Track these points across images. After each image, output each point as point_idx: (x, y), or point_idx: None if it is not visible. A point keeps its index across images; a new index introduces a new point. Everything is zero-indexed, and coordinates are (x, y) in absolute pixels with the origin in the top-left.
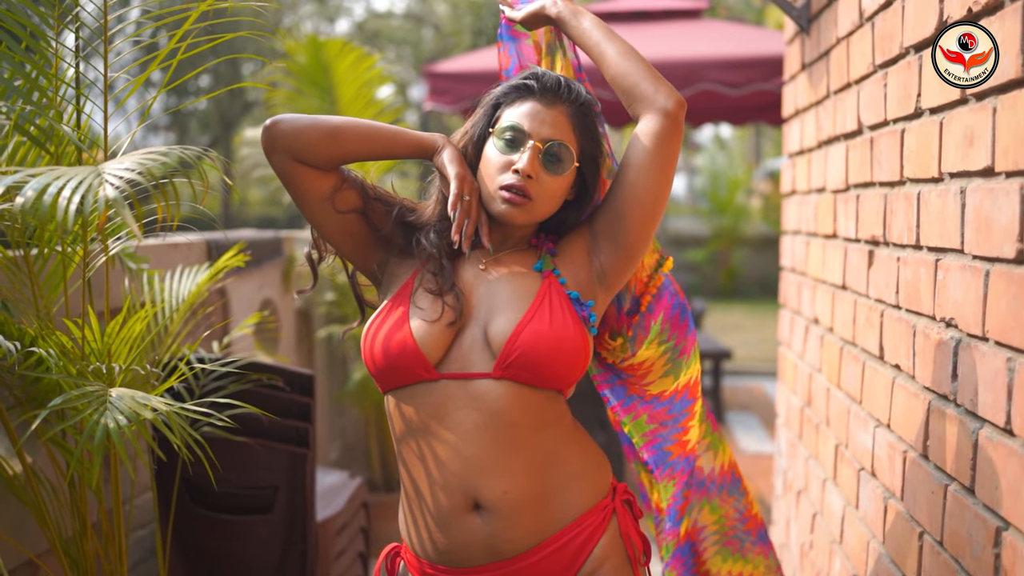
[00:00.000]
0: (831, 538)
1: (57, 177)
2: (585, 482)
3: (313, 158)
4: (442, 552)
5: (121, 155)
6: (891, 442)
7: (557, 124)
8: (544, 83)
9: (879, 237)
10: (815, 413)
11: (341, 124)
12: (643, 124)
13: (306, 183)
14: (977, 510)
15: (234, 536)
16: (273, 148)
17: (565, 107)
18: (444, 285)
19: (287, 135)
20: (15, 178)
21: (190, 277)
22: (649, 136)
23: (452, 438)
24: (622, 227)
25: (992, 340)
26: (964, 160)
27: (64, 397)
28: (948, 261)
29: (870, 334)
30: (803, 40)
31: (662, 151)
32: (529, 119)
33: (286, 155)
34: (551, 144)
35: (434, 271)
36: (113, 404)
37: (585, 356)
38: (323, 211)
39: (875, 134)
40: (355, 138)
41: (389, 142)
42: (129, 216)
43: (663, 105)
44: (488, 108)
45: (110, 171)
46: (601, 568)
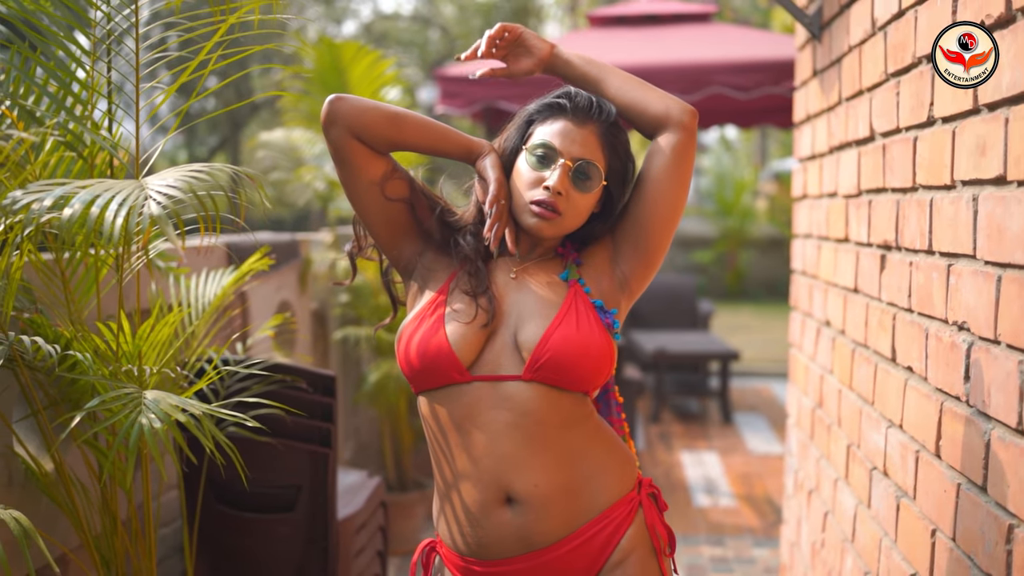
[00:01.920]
0: (843, 536)
1: (106, 190)
2: (611, 476)
3: (371, 137)
4: (476, 545)
5: (151, 163)
6: (903, 442)
7: (587, 143)
8: (576, 103)
9: (891, 242)
10: (826, 414)
11: (402, 111)
12: (660, 138)
13: (360, 161)
14: (989, 508)
15: (257, 534)
16: (334, 121)
17: (595, 126)
18: (479, 287)
19: (350, 111)
20: (64, 190)
21: (216, 280)
22: (666, 149)
23: (484, 436)
24: (643, 236)
25: (1004, 343)
26: (976, 168)
27: (100, 399)
28: (960, 266)
29: (882, 336)
30: (815, 46)
31: (679, 163)
32: (560, 137)
33: (346, 130)
34: (581, 163)
35: (471, 272)
36: (147, 406)
37: (610, 361)
38: (371, 195)
39: (887, 141)
40: (413, 127)
41: (442, 138)
42: (172, 233)
43: (678, 119)
44: (521, 124)
45: (153, 187)
46: (628, 558)
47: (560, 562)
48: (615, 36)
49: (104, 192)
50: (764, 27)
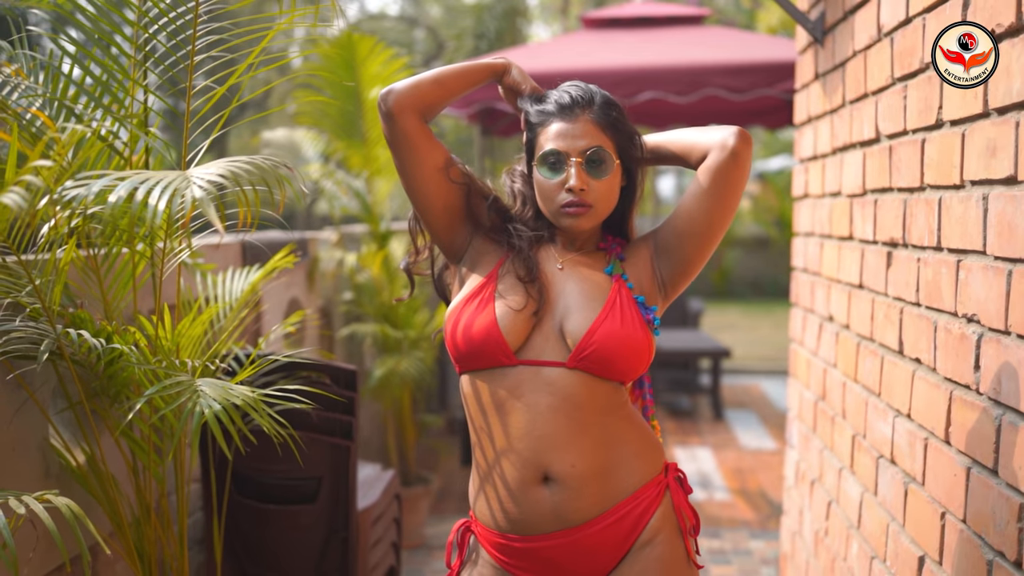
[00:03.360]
0: (848, 523)
1: (150, 178)
2: (642, 460)
3: (431, 107)
4: (513, 522)
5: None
6: (911, 430)
7: (586, 133)
8: (560, 103)
9: (898, 239)
10: (830, 406)
11: (434, 72)
12: (708, 157)
13: (427, 145)
14: (1001, 489)
15: (279, 525)
16: (402, 109)
17: (587, 114)
18: (531, 276)
19: (410, 93)
20: (105, 182)
21: (242, 276)
22: (709, 169)
23: (525, 417)
24: (681, 247)
25: (1015, 333)
26: (987, 169)
27: (161, 386)
28: (970, 262)
29: (889, 330)
30: (817, 51)
31: (720, 183)
32: (560, 139)
33: (413, 112)
34: (589, 153)
35: (523, 261)
36: (205, 392)
37: (649, 354)
38: (437, 180)
39: (894, 143)
40: (452, 78)
41: (473, 73)
42: (214, 215)
43: (724, 142)
44: (526, 147)
45: (197, 175)
46: (656, 537)
47: (593, 539)
48: (609, 38)
49: (148, 179)
50: (749, 28)
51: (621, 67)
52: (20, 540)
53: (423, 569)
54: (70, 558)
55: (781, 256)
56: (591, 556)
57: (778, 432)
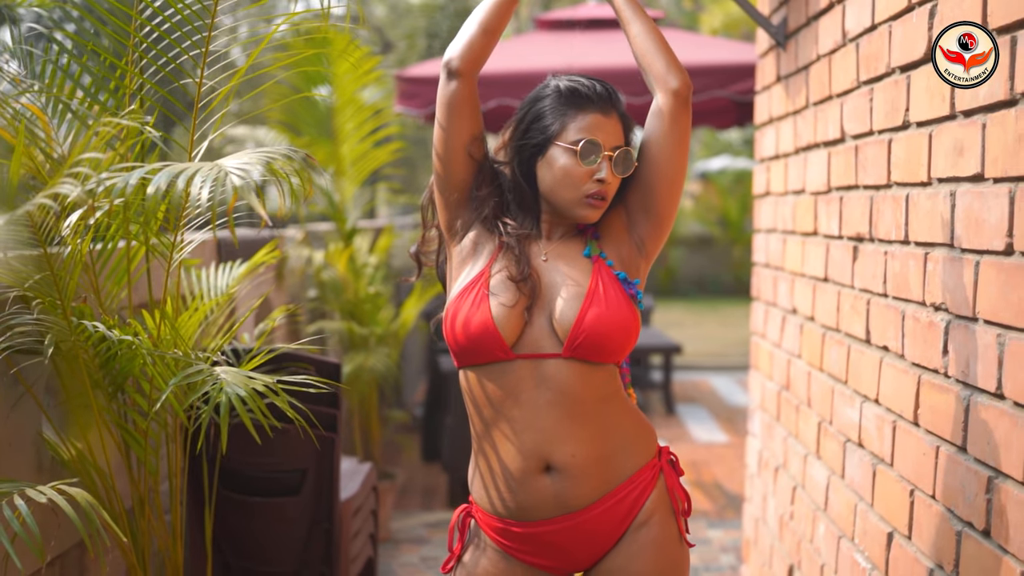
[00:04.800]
0: (815, 506)
1: (184, 170)
2: (638, 444)
3: (488, 53)
4: (514, 508)
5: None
6: (879, 414)
7: (616, 130)
8: (599, 94)
9: (864, 234)
10: (794, 395)
11: (474, 18)
12: (656, 102)
13: (474, 111)
14: (969, 464)
15: (264, 517)
16: (467, 69)
17: (616, 113)
18: (523, 274)
19: (466, 51)
20: (139, 173)
21: (226, 271)
22: (662, 114)
23: (527, 412)
24: (652, 198)
25: (982, 320)
26: (954, 167)
27: (184, 374)
28: (937, 254)
29: (855, 320)
30: (779, 54)
31: (675, 126)
32: (597, 131)
33: (475, 68)
34: (620, 152)
35: (515, 258)
36: (228, 380)
37: (636, 330)
38: (474, 148)
39: (860, 142)
40: (496, 19)
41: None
42: (256, 203)
43: (672, 86)
44: (544, 119)
45: (230, 166)
46: (652, 518)
47: (592, 523)
48: (563, 39)
49: (186, 170)
50: (692, 29)
51: (576, 68)
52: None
53: (391, 563)
54: (64, 550)
55: (724, 254)
56: (591, 538)
57: (728, 426)
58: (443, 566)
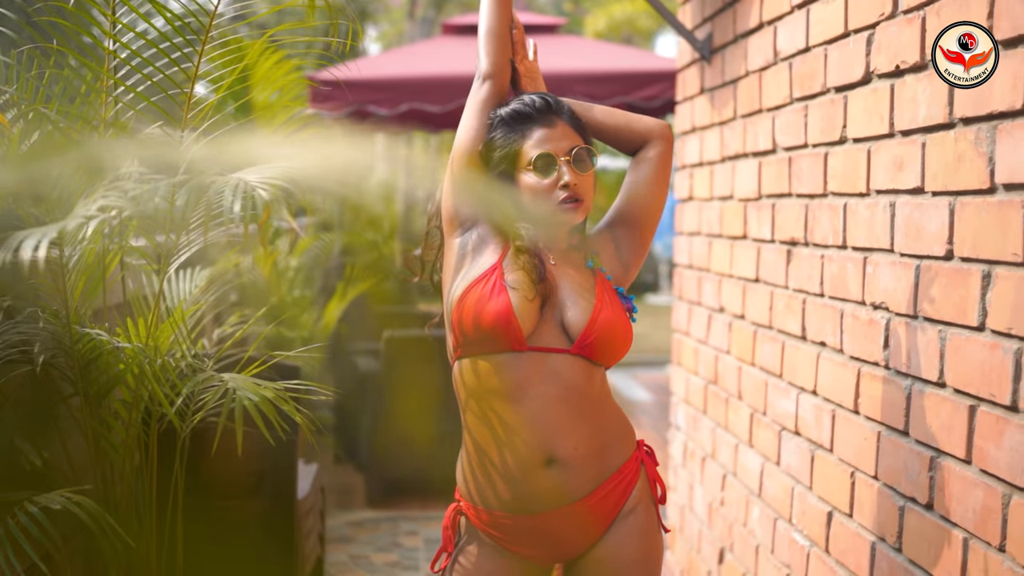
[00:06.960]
0: (747, 492)
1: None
2: (623, 439)
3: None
4: (512, 501)
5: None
6: (817, 404)
7: (566, 134)
8: (538, 108)
9: (799, 239)
10: (723, 389)
11: (483, 30)
12: (645, 153)
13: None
14: (911, 446)
15: (222, 518)
16: (503, 67)
17: (560, 118)
18: (542, 273)
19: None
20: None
21: (188, 278)
22: (654, 159)
23: (535, 406)
24: (639, 231)
25: (922, 317)
26: (894, 181)
27: (195, 381)
28: (877, 258)
29: (790, 318)
30: (703, 67)
31: (663, 168)
32: (546, 143)
33: (502, 68)
34: (574, 152)
35: (534, 257)
36: (240, 386)
37: (631, 340)
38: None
39: (794, 154)
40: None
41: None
42: (287, 214)
43: (660, 134)
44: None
45: (252, 180)
46: (637, 507)
47: (587, 512)
48: (470, 44)
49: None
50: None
51: None
52: None
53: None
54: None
55: None
56: (584, 527)
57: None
58: (432, 564)
